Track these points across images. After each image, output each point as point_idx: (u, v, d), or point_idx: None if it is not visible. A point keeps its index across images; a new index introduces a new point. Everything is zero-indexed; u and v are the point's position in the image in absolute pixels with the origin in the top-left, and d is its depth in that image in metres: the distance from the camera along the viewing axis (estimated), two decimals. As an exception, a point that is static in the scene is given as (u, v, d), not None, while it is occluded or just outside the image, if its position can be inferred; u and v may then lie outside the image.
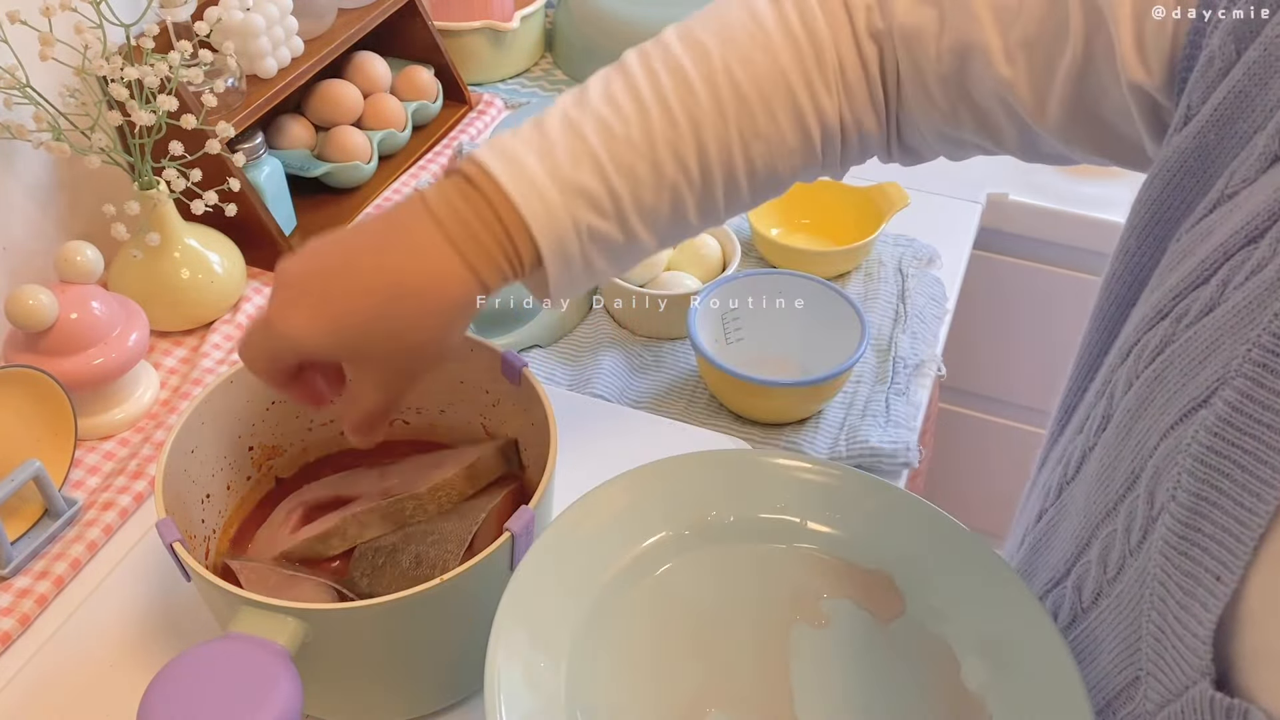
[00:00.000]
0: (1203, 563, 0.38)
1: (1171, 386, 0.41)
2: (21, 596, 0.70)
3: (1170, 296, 0.43)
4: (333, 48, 1.00)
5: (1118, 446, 0.45)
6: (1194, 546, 0.39)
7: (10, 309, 0.76)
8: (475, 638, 0.61)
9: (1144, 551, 0.42)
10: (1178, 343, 0.41)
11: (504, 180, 0.51)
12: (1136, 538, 0.42)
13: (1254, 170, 0.41)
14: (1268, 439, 0.36)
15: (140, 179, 0.84)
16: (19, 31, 0.77)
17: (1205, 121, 0.43)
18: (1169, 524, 0.40)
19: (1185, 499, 0.39)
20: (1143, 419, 0.43)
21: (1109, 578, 0.45)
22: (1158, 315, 0.44)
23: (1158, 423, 0.41)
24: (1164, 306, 0.43)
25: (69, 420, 0.76)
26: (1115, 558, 0.44)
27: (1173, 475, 0.40)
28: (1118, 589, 0.44)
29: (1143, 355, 0.44)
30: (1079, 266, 1.15)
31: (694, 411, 0.85)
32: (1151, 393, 0.42)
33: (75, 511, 0.75)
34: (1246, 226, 0.39)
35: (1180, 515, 0.39)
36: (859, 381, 0.87)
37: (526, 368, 0.65)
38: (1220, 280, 0.40)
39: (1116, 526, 0.44)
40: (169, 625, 0.68)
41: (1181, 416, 0.40)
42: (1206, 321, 0.40)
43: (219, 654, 0.51)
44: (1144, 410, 0.43)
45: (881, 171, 1.09)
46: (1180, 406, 0.40)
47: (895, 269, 0.98)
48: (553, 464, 0.60)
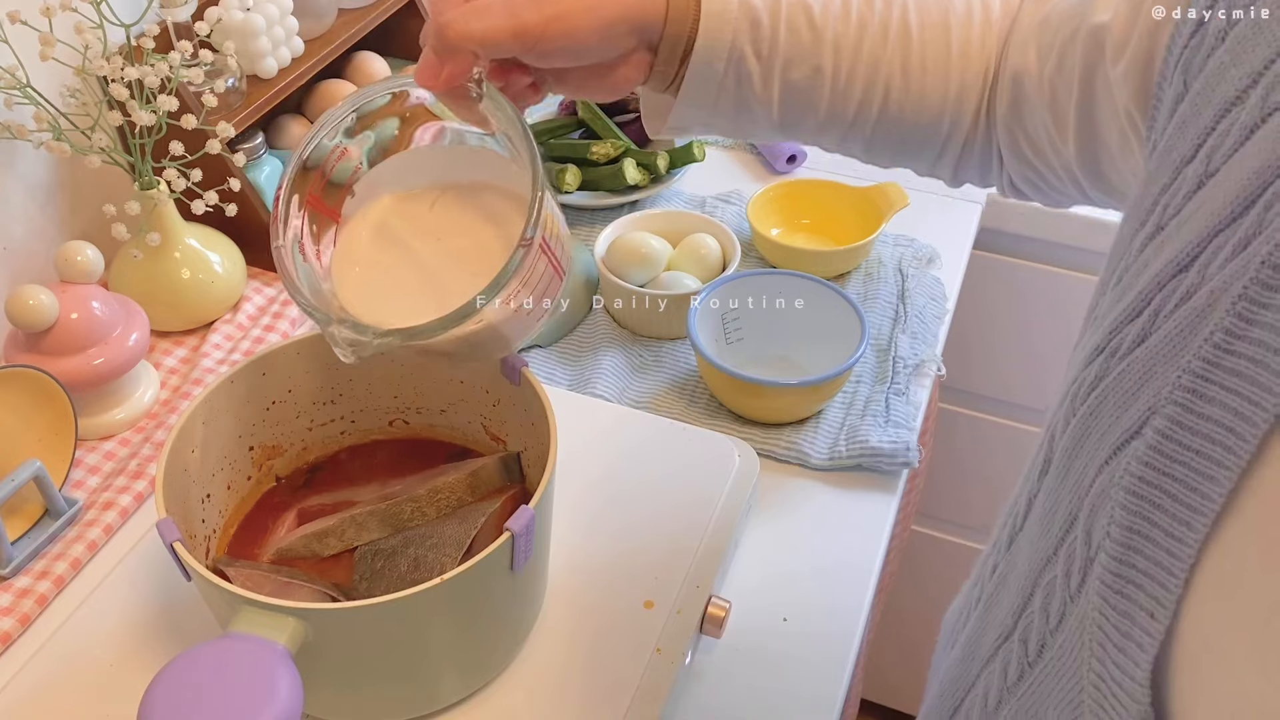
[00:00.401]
0: (1137, 600, 0.37)
1: (1105, 421, 0.40)
2: (22, 596, 0.70)
3: (1106, 333, 0.42)
4: (333, 48, 1.00)
5: (1057, 490, 0.44)
6: (1128, 584, 0.37)
7: (10, 309, 0.76)
8: (475, 638, 0.61)
9: (1083, 595, 0.40)
10: (1111, 376, 0.40)
11: None
12: (1076, 581, 0.41)
13: (1182, 200, 0.40)
14: (1196, 465, 0.35)
15: (140, 179, 0.84)
16: (19, 31, 0.77)
17: (1158, 153, 0.43)
18: (1104, 562, 0.39)
19: (1119, 534, 0.38)
20: (1079, 457, 0.42)
21: (1050, 627, 0.43)
22: (1095, 352, 0.43)
23: (1094, 459, 0.40)
24: (1100, 343, 0.42)
25: (69, 420, 0.76)
26: (1056, 605, 0.43)
27: (1107, 511, 0.39)
28: (1060, 639, 0.42)
29: (1078, 395, 0.43)
30: (1079, 266, 1.15)
31: (694, 411, 0.85)
32: (1087, 429, 0.41)
33: (75, 511, 0.75)
34: (1178, 256, 0.38)
35: (1114, 552, 0.38)
36: (859, 381, 0.87)
37: (526, 368, 0.65)
38: (1152, 310, 0.39)
39: (1057, 573, 0.43)
40: (169, 625, 0.68)
41: (1115, 450, 0.39)
42: (1139, 353, 0.39)
43: (219, 654, 0.51)
44: (1080, 448, 0.42)
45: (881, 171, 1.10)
46: (1114, 440, 0.39)
47: (895, 269, 0.98)
48: (553, 464, 0.60)
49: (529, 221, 0.52)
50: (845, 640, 0.71)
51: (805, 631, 0.71)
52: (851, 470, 0.82)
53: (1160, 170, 0.42)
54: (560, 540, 0.68)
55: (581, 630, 0.67)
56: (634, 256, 0.92)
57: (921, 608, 1.50)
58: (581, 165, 1.05)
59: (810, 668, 0.69)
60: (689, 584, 0.69)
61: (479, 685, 0.64)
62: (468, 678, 0.63)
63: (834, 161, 1.13)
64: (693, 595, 0.68)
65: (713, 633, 0.68)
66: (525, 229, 0.52)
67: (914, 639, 1.54)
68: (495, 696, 0.64)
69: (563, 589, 0.69)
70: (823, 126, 0.60)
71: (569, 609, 0.68)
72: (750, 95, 0.57)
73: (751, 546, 0.76)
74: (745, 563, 0.75)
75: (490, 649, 0.63)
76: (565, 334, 0.93)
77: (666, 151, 1.06)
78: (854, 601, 0.73)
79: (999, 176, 0.63)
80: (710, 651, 0.70)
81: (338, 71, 1.08)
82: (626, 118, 1.10)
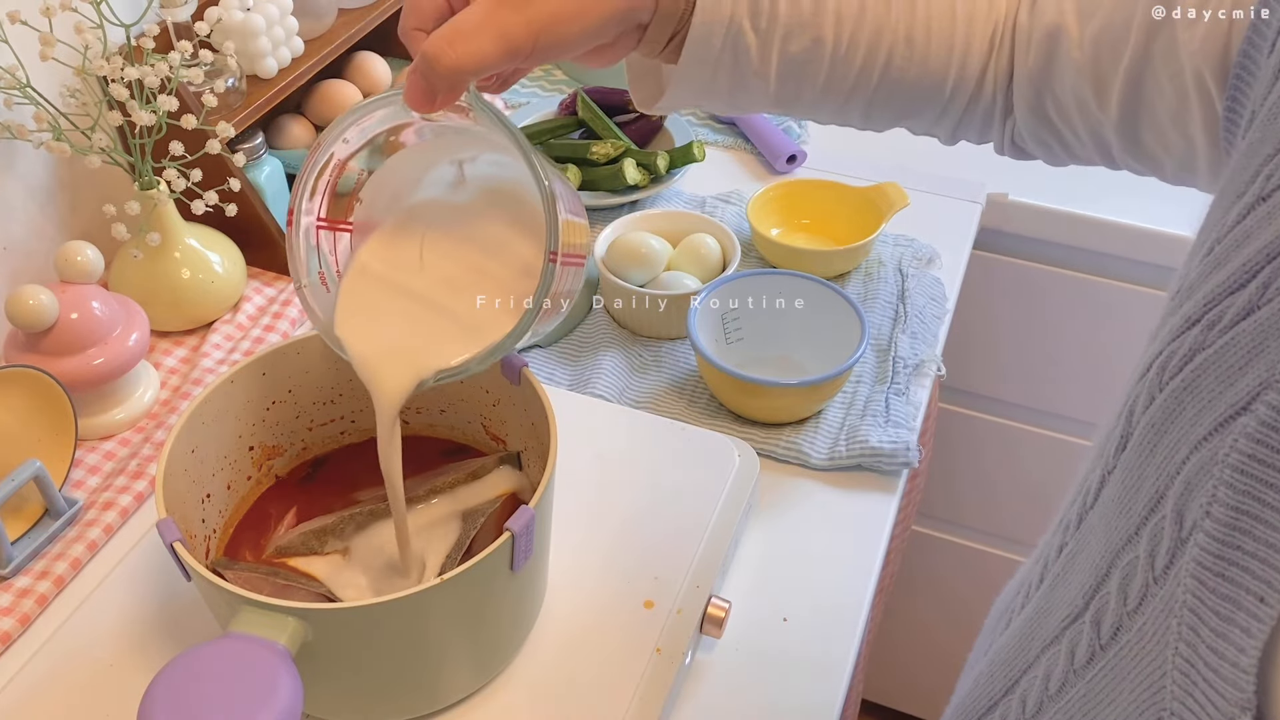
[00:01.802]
0: (1243, 583, 0.35)
1: (1204, 396, 0.38)
2: (22, 596, 0.70)
3: (1201, 305, 0.40)
4: (333, 48, 1.00)
5: (1139, 466, 0.42)
6: (1232, 566, 0.36)
7: (10, 309, 0.76)
8: (475, 638, 0.61)
9: (1171, 577, 0.39)
10: (1211, 349, 0.38)
11: None
12: (1162, 563, 0.39)
13: None
14: None
15: (140, 179, 0.84)
16: (19, 31, 0.77)
17: (1260, 122, 0.41)
18: (1203, 542, 0.37)
19: (1222, 514, 0.36)
20: (1169, 433, 0.40)
21: (1129, 609, 0.41)
22: (1185, 324, 0.41)
23: (1187, 435, 0.39)
24: (1193, 315, 0.40)
25: (69, 420, 0.76)
26: (1137, 587, 0.41)
27: (1207, 490, 0.37)
28: (1139, 621, 0.41)
29: (1167, 367, 0.41)
30: (1079, 266, 1.15)
31: (694, 411, 0.85)
32: (1180, 404, 0.40)
33: (75, 511, 0.75)
34: None
35: (1216, 533, 0.36)
36: (859, 381, 0.88)
37: (526, 368, 0.65)
38: (1261, 282, 0.37)
39: (1139, 553, 0.41)
40: (169, 625, 0.68)
41: (1217, 426, 0.37)
42: (1245, 325, 0.37)
43: (219, 654, 0.51)
44: (1170, 424, 0.40)
45: (881, 171, 1.10)
46: (1215, 416, 0.37)
47: (895, 269, 0.98)
48: (553, 464, 0.60)
49: (549, 237, 0.52)
50: (845, 640, 0.71)
51: (805, 631, 0.71)
52: (851, 470, 0.82)
53: (1265, 139, 0.40)
54: (560, 540, 0.68)
55: (581, 630, 0.67)
56: (634, 256, 0.92)
57: (921, 608, 1.50)
58: (581, 165, 1.05)
59: (810, 668, 0.69)
60: (689, 584, 0.69)
61: (479, 685, 0.64)
62: (468, 678, 0.64)
63: (834, 161, 1.13)
64: (693, 595, 0.68)
65: (713, 633, 0.68)
66: (546, 245, 0.53)
67: (914, 639, 1.54)
68: (495, 696, 0.64)
69: (563, 589, 0.69)
70: (821, 97, 0.59)
71: (569, 609, 0.68)
72: (747, 69, 0.56)
73: (751, 546, 0.76)
74: (745, 563, 0.75)
75: (490, 649, 0.63)
76: (565, 334, 0.93)
77: (666, 151, 1.06)
78: (854, 601, 0.73)
79: (999, 134, 0.61)
80: (710, 651, 0.70)
81: (338, 71, 1.08)
82: (626, 118, 1.10)
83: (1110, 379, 0.54)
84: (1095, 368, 1.20)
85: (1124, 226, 1.09)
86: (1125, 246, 1.10)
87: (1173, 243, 1.08)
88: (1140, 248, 1.10)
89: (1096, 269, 1.14)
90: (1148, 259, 1.10)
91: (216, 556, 0.67)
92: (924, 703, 1.64)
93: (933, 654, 1.52)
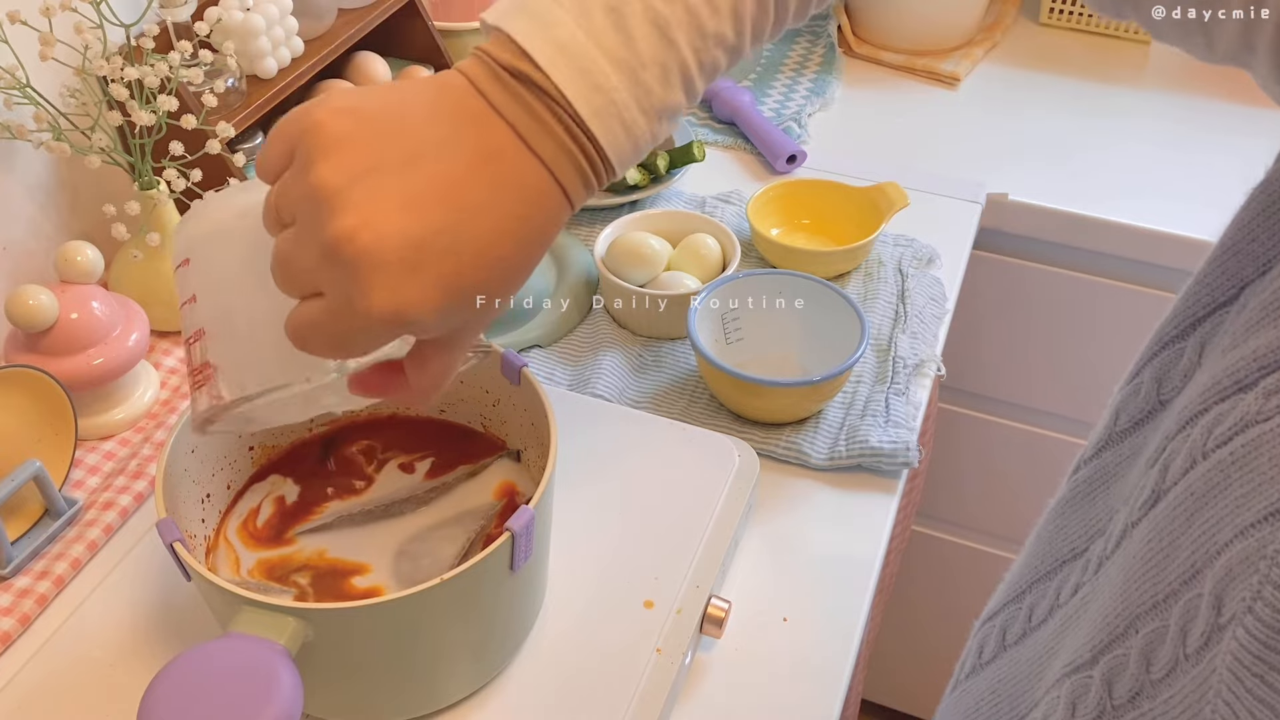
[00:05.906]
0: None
1: (1255, 477, 0.35)
2: (21, 596, 0.70)
3: (1256, 366, 0.36)
4: (333, 48, 1.00)
5: (1173, 533, 0.39)
6: (1273, 671, 0.33)
7: (10, 309, 0.76)
8: (475, 638, 0.61)
9: (1206, 661, 0.36)
10: (1269, 424, 0.35)
11: (580, 108, 0.44)
12: (1195, 643, 0.37)
13: None
14: None
15: (140, 179, 0.84)
16: (19, 31, 0.77)
17: None
18: (1243, 639, 0.34)
19: (1267, 615, 0.33)
20: (1210, 507, 0.37)
21: (1154, 679, 0.39)
22: (1235, 385, 0.37)
23: (1232, 517, 0.36)
24: (1245, 376, 0.37)
25: (69, 420, 0.76)
26: (1164, 658, 0.38)
27: (1251, 584, 0.34)
28: (1165, 694, 0.38)
29: (1214, 431, 0.37)
30: (1079, 266, 1.15)
31: (694, 411, 0.85)
32: (1226, 479, 0.36)
33: (75, 511, 0.75)
34: None
35: (1260, 633, 0.34)
36: (859, 381, 0.88)
37: (526, 368, 0.66)
38: None
39: (1168, 623, 0.38)
40: (169, 625, 0.68)
41: (1268, 515, 0.34)
42: None
43: (219, 654, 0.51)
44: (1213, 497, 0.37)
45: (881, 171, 1.10)
46: (1269, 504, 0.34)
47: (895, 269, 0.98)
48: (553, 464, 0.60)
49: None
50: (845, 640, 0.71)
51: (805, 631, 0.71)
52: (851, 470, 0.82)
53: None
54: (560, 540, 0.68)
55: (582, 630, 0.67)
56: (634, 256, 0.92)
57: (922, 608, 1.50)
58: (581, 165, 1.05)
59: (810, 668, 0.69)
60: (689, 584, 0.69)
61: (479, 685, 0.64)
62: (468, 677, 0.64)
63: (834, 161, 1.13)
64: (693, 595, 0.68)
65: (713, 633, 0.68)
66: None
67: (914, 639, 1.54)
68: (495, 696, 0.64)
69: (563, 589, 0.69)
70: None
71: (569, 609, 0.68)
72: (676, 122, 0.49)
73: (751, 546, 0.76)
74: (745, 563, 0.75)
75: (490, 649, 0.63)
76: (565, 334, 0.93)
77: (666, 152, 1.06)
78: (854, 601, 0.73)
79: None
80: (710, 651, 0.70)
81: (338, 72, 1.08)
82: (626, 118, 1.10)
83: (1110, 379, 0.54)
84: (1095, 368, 1.20)
85: (1124, 226, 1.09)
86: (1125, 246, 1.10)
87: (1173, 243, 1.08)
88: (1140, 248, 1.10)
89: (1096, 269, 1.14)
90: (1148, 259, 1.10)
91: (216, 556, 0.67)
92: (924, 703, 1.64)
93: (933, 654, 1.52)
